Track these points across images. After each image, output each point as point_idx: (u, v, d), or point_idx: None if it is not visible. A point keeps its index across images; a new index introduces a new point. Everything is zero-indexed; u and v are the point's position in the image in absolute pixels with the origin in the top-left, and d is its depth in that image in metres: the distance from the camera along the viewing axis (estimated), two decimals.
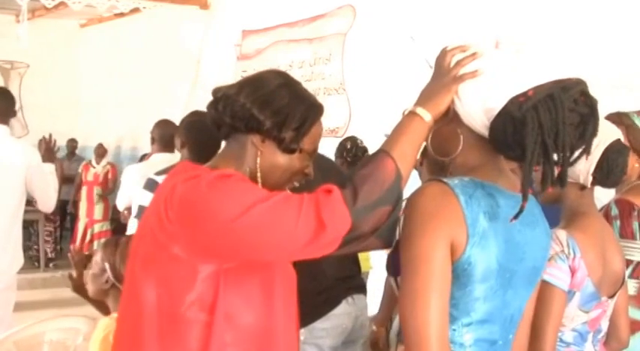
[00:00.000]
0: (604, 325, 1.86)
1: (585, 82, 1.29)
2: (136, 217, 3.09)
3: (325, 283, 2.65)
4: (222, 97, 1.48)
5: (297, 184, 1.52)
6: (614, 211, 2.18)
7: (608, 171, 1.77)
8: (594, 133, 1.29)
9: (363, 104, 5.71)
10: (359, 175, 1.31)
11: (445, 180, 1.30)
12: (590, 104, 1.28)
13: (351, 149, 3.79)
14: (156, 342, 1.39)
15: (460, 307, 1.30)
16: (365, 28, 5.70)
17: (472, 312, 1.31)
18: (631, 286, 2.17)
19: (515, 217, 1.27)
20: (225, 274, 1.37)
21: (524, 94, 1.26)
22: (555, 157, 1.26)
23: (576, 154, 1.29)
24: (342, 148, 3.81)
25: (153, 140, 3.91)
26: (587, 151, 1.31)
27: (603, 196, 2.16)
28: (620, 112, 2.19)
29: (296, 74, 7.14)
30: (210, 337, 1.37)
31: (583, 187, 1.79)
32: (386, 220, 1.31)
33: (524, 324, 1.48)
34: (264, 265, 1.45)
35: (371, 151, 4.33)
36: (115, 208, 7.06)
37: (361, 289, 2.82)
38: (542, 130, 1.23)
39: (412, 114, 1.35)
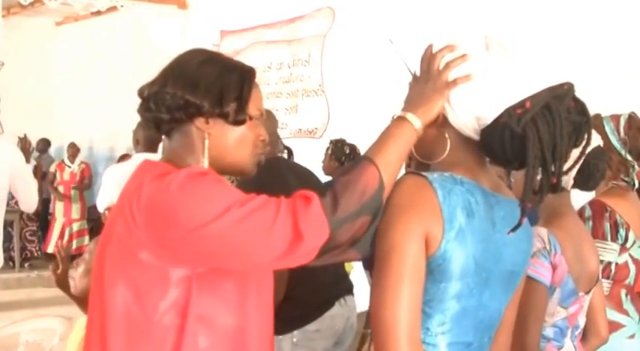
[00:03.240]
0: (581, 321, 1.90)
1: (573, 85, 1.28)
2: None
3: (315, 286, 2.63)
4: (149, 95, 1.38)
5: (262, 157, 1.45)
6: (588, 212, 2.23)
7: (589, 175, 1.82)
8: (589, 140, 1.30)
9: (341, 106, 5.74)
10: (340, 182, 1.24)
11: (424, 173, 1.26)
12: (582, 111, 1.27)
13: (350, 155, 3.69)
14: (124, 349, 1.31)
15: (434, 304, 1.27)
16: (344, 30, 5.72)
17: (446, 310, 1.27)
18: (603, 285, 2.21)
19: (513, 230, 1.26)
20: (198, 277, 1.30)
21: (522, 105, 1.23)
22: (552, 167, 1.25)
23: (570, 162, 1.30)
24: (340, 153, 3.70)
25: (137, 142, 3.49)
26: (581, 158, 1.32)
27: (582, 198, 2.20)
28: (597, 115, 2.22)
29: (274, 76, 7.16)
30: (181, 341, 1.30)
31: (562, 189, 1.82)
32: (365, 230, 1.24)
33: (506, 329, 1.46)
34: None
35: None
36: (92, 207, 6.96)
37: (351, 290, 2.84)
38: (542, 144, 1.22)
39: (401, 120, 1.27)
